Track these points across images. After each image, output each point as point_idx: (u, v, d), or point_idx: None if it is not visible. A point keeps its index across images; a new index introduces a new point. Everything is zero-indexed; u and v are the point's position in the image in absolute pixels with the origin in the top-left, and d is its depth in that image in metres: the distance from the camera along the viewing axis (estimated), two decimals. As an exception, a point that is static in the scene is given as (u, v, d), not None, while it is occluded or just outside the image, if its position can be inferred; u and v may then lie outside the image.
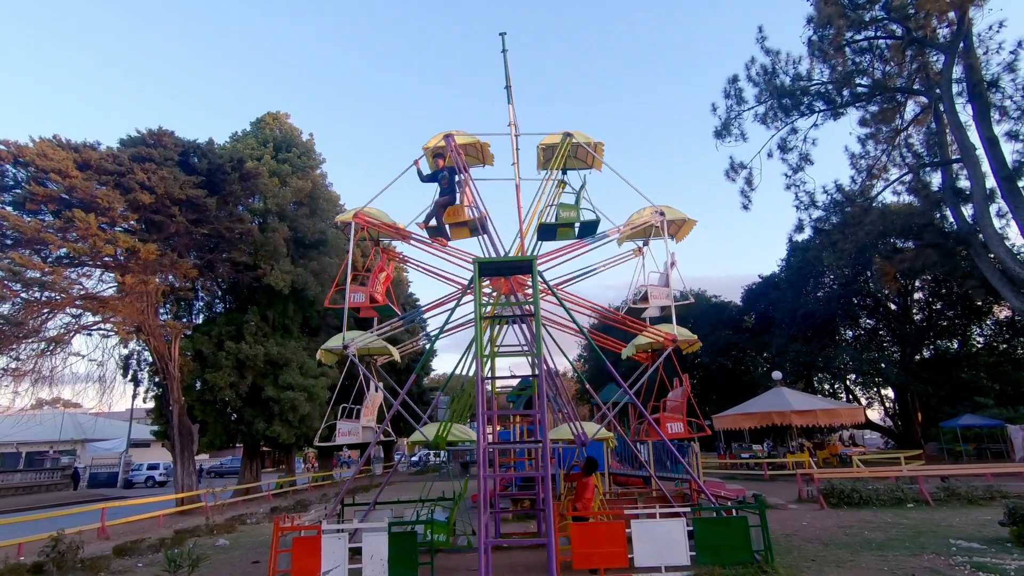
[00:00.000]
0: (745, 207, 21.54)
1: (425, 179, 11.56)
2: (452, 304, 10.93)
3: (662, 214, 11.34)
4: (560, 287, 11.29)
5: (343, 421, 10.76)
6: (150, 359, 22.53)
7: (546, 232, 11.23)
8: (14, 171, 17.35)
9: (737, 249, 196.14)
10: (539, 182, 11.89)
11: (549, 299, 10.79)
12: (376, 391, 11.37)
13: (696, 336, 11.17)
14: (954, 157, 18.38)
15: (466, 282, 10.89)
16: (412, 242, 11.60)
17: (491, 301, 11.53)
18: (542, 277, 10.01)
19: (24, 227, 15.95)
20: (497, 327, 11.37)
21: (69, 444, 41.68)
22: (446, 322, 10.95)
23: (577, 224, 11.12)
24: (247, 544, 12.93)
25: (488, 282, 11.36)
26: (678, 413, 10.90)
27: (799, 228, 22.69)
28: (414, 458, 48.35)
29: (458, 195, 11.20)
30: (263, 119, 29.30)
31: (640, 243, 12.23)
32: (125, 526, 16.19)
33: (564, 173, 11.97)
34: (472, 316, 10.14)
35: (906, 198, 21.78)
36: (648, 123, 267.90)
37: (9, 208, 17.01)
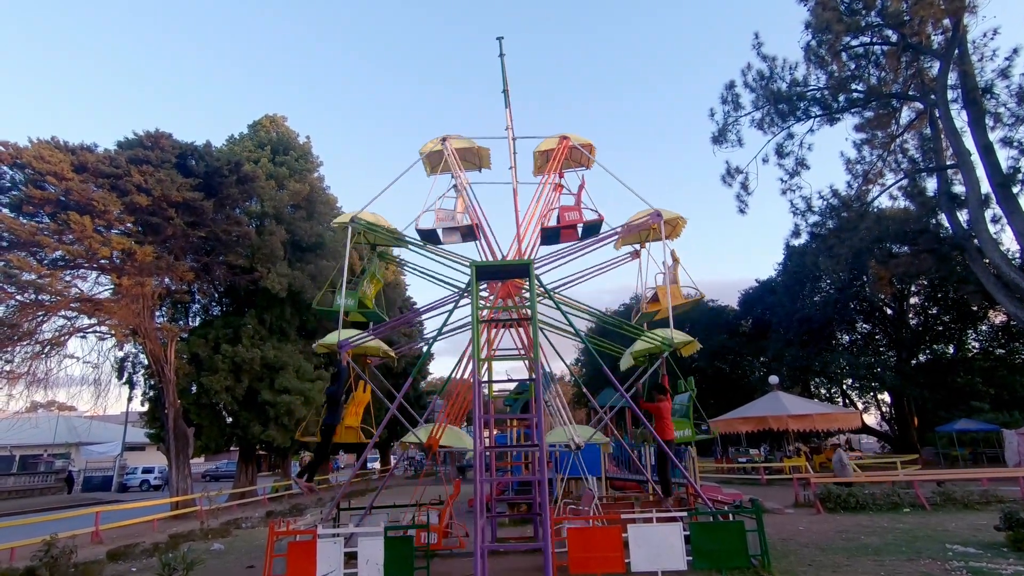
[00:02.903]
0: (742, 211, 21.60)
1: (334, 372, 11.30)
2: (449, 307, 10.92)
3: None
4: (557, 291, 11.29)
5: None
6: (145, 362, 22.45)
7: (550, 236, 11.23)
8: (11, 173, 17.31)
9: (734, 253, 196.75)
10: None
11: (547, 303, 10.80)
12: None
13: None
14: (949, 163, 18.47)
15: (463, 286, 10.90)
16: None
17: (488, 304, 11.52)
18: (539, 281, 10.02)
19: (20, 230, 15.89)
20: (495, 330, 11.36)
21: (63, 447, 41.39)
22: (443, 325, 10.94)
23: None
24: (242, 548, 12.87)
25: (486, 286, 11.36)
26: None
27: (796, 233, 22.77)
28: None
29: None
30: (260, 122, 29.29)
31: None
32: (119, 530, 16.09)
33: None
34: (469, 319, 10.14)
35: (902, 203, 21.89)
36: (645, 125, 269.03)
37: (6, 210, 16.96)
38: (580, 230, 11.21)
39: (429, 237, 11.29)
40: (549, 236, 11.24)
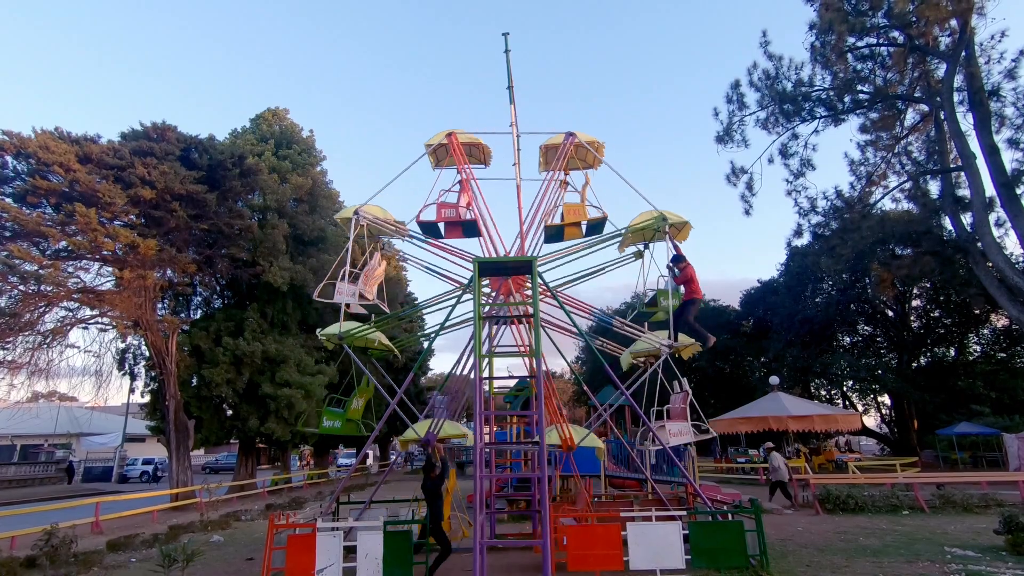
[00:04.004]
0: (746, 212, 21.52)
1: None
2: (452, 301, 10.91)
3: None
4: (560, 290, 11.23)
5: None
6: (147, 354, 22.51)
7: (553, 234, 11.15)
8: (15, 163, 17.32)
9: (736, 253, 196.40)
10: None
11: (549, 301, 10.78)
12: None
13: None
14: (954, 165, 18.39)
15: (465, 280, 10.86)
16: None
17: (489, 301, 11.51)
18: (541, 278, 10.00)
19: (25, 220, 15.92)
20: (496, 327, 11.35)
21: (64, 438, 41.49)
22: (446, 320, 10.93)
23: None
24: (241, 541, 12.91)
25: (487, 282, 11.35)
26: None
27: (798, 233, 22.64)
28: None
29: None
30: (262, 115, 29.25)
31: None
32: (119, 521, 16.16)
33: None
34: (470, 315, 10.13)
35: (905, 205, 21.75)
36: (648, 124, 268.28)
37: (9, 200, 16.98)
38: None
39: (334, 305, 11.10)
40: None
